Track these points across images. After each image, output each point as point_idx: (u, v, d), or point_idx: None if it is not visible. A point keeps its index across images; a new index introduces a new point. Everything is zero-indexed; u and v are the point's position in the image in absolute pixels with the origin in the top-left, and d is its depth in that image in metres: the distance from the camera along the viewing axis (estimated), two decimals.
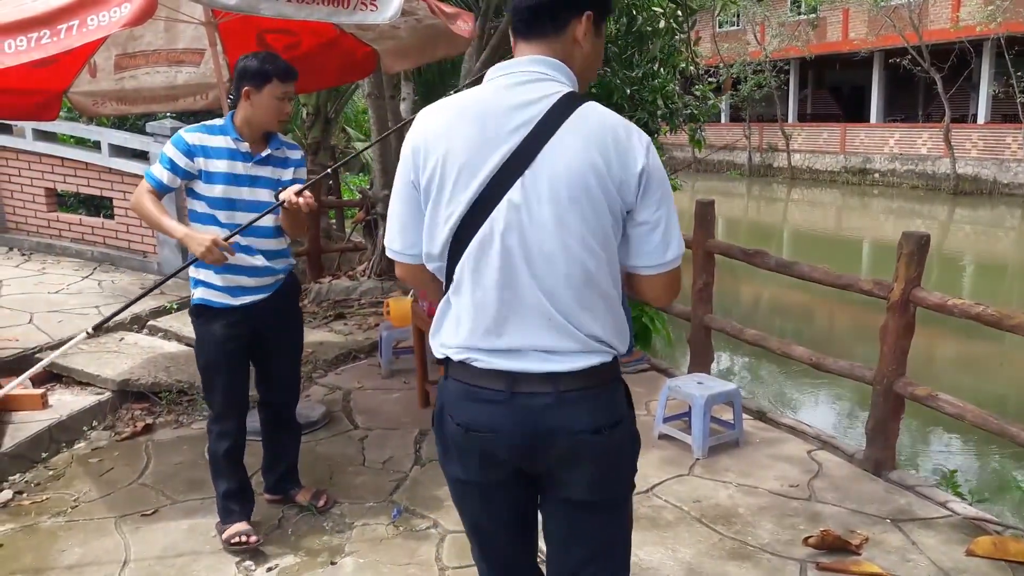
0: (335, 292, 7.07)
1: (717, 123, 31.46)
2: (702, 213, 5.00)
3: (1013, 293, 12.31)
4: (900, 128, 25.72)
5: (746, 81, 28.23)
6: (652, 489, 3.40)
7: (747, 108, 29.06)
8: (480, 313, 1.54)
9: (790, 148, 28.09)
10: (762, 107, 29.91)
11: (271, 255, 2.97)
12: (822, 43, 28.07)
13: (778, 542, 2.98)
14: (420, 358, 4.39)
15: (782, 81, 28.56)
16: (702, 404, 3.72)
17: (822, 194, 25.04)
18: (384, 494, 3.38)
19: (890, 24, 23.59)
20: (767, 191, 26.43)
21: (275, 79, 2.79)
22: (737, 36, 30.23)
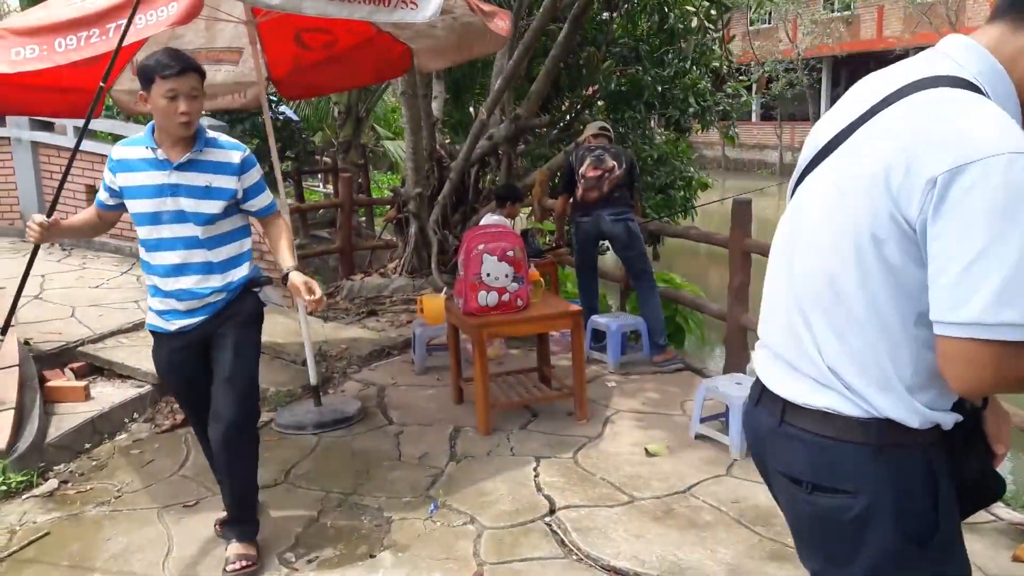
0: (367, 289, 7.12)
1: (748, 122, 31.16)
2: (739, 212, 4.96)
3: None
4: None
5: (778, 79, 27.97)
6: (690, 489, 3.38)
7: (779, 107, 28.77)
8: None
9: None
10: (794, 106, 29.59)
11: (208, 269, 2.68)
12: (856, 41, 27.71)
13: None
14: (454, 355, 4.41)
15: (814, 79, 28.24)
16: (740, 404, 3.68)
17: None
18: (421, 489, 3.40)
19: (926, 21, 23.23)
20: None
21: (158, 78, 2.51)
22: (769, 34, 29.94)
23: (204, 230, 2.66)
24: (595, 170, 5.07)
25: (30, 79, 3.54)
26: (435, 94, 9.08)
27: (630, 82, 9.11)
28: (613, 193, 5.02)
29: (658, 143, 9.88)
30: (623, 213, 5.01)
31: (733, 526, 3.07)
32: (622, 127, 9.67)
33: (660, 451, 3.75)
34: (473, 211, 8.17)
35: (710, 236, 5.41)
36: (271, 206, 2.88)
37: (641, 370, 4.98)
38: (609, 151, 5.12)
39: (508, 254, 4.04)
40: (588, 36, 9.07)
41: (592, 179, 5.09)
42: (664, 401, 4.45)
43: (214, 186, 2.64)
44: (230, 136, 2.97)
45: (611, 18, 9.51)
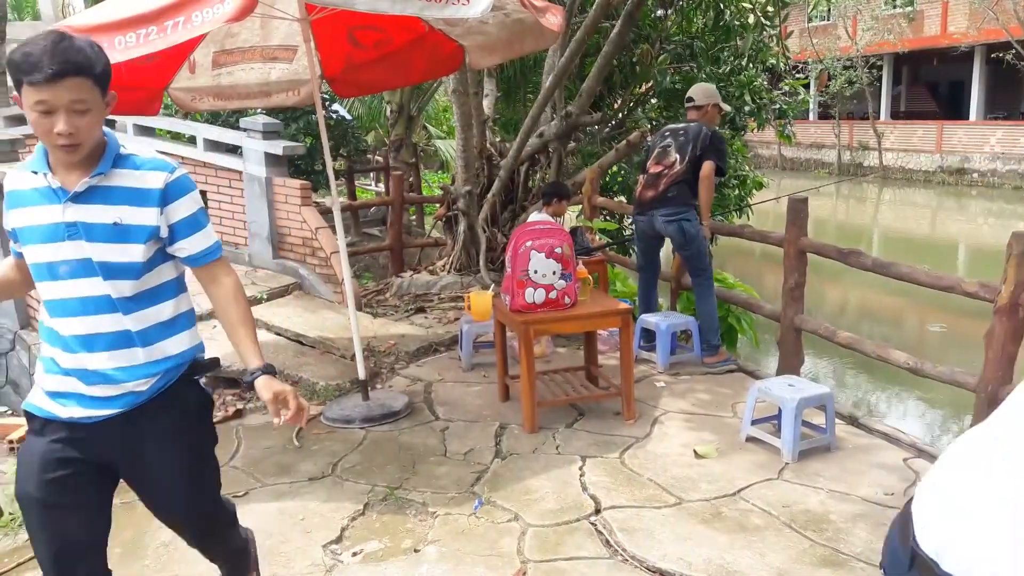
0: (416, 286, 7.16)
1: (805, 120, 30.51)
2: (795, 210, 4.83)
3: None
4: (1002, 126, 24.39)
5: (836, 77, 27.31)
6: (740, 492, 3.30)
7: (837, 105, 28.09)
8: None
9: (882, 147, 26.99)
10: (852, 104, 28.87)
11: (125, 342, 1.88)
12: (918, 37, 26.88)
13: (872, 551, 2.84)
14: (501, 352, 4.39)
15: (874, 77, 27.50)
16: (793, 407, 3.59)
17: (915, 194, 24.00)
18: (466, 485, 3.39)
19: (992, 17, 22.39)
20: (856, 191, 25.51)
21: (25, 83, 1.69)
22: (827, 31, 29.27)
23: (116, 286, 1.86)
24: (657, 165, 4.96)
25: None
26: (486, 92, 9.10)
27: (685, 79, 9.00)
28: (668, 193, 4.86)
29: None
30: (678, 213, 4.85)
31: (783, 530, 2.99)
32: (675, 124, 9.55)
33: (709, 453, 3.67)
34: (522, 209, 8.15)
35: (765, 235, 5.29)
36: (211, 251, 2.02)
37: (691, 370, 4.89)
38: (679, 137, 4.91)
39: (556, 251, 4.01)
40: (642, 33, 8.98)
41: (651, 176, 4.98)
42: (715, 402, 4.36)
43: (126, 222, 1.84)
44: (285, 136, 2.78)
45: (666, 15, 9.40)
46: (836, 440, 3.77)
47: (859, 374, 7.80)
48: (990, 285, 3.53)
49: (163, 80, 4.84)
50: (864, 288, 10.59)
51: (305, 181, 6.42)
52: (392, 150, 13.56)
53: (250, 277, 6.18)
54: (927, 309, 9.50)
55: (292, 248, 6.35)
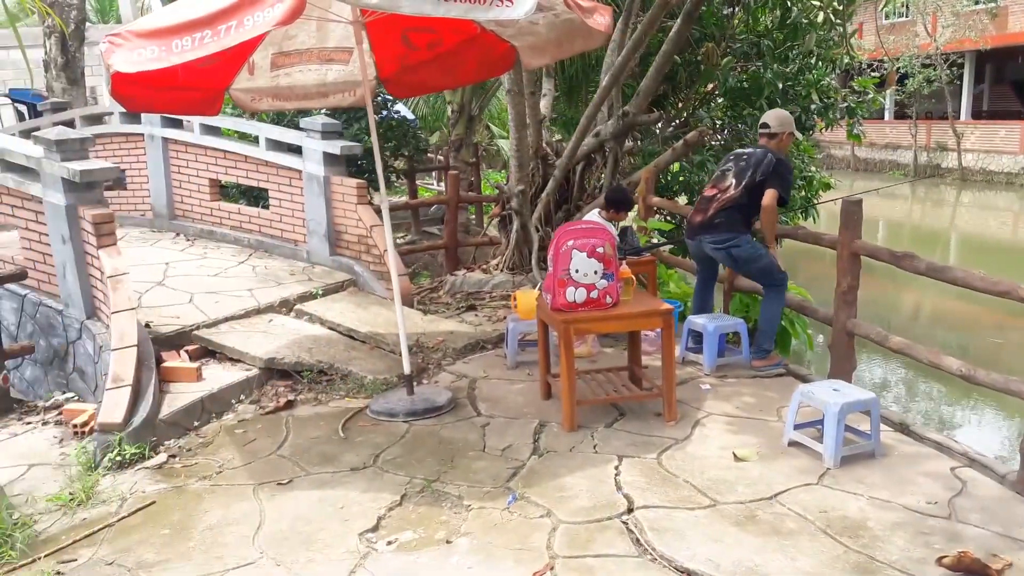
0: (468, 284, 7.25)
1: (880, 120, 29.54)
2: (849, 212, 4.72)
3: None
4: None
5: (914, 76, 26.35)
6: (777, 496, 3.26)
7: (914, 104, 27.09)
8: None
9: (961, 147, 25.92)
10: (931, 103, 27.77)
11: None
12: (1002, 34, 25.69)
13: (908, 559, 2.78)
14: (543, 351, 4.42)
15: (955, 75, 26.42)
16: (836, 412, 3.51)
17: (996, 198, 22.97)
18: (502, 480, 3.44)
19: None
20: (933, 193, 24.57)
21: None
22: (905, 28, 28.26)
23: None
24: (712, 188, 4.91)
25: (153, 78, 3.83)
26: (544, 92, 9.14)
27: (751, 78, 8.86)
28: (715, 219, 4.77)
29: None
30: (726, 241, 4.74)
31: (818, 536, 2.94)
32: (741, 124, 9.41)
33: (749, 456, 3.62)
34: (577, 208, 8.16)
35: (819, 237, 5.17)
36: None
37: (739, 373, 4.83)
38: (741, 162, 4.81)
39: (598, 251, 4.01)
40: (707, 32, 8.88)
41: (704, 199, 4.93)
42: (760, 406, 4.30)
43: None
44: (347, 136, 2.82)
45: (732, 13, 9.27)
46: (882, 447, 3.68)
47: (914, 381, 7.55)
48: None
49: (224, 81, 5.02)
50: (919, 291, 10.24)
51: (361, 180, 6.57)
52: (453, 150, 13.73)
53: (307, 273, 6.36)
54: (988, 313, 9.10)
55: (348, 245, 6.50)
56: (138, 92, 4.05)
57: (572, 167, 8.08)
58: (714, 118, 9.56)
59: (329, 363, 4.68)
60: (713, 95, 9.68)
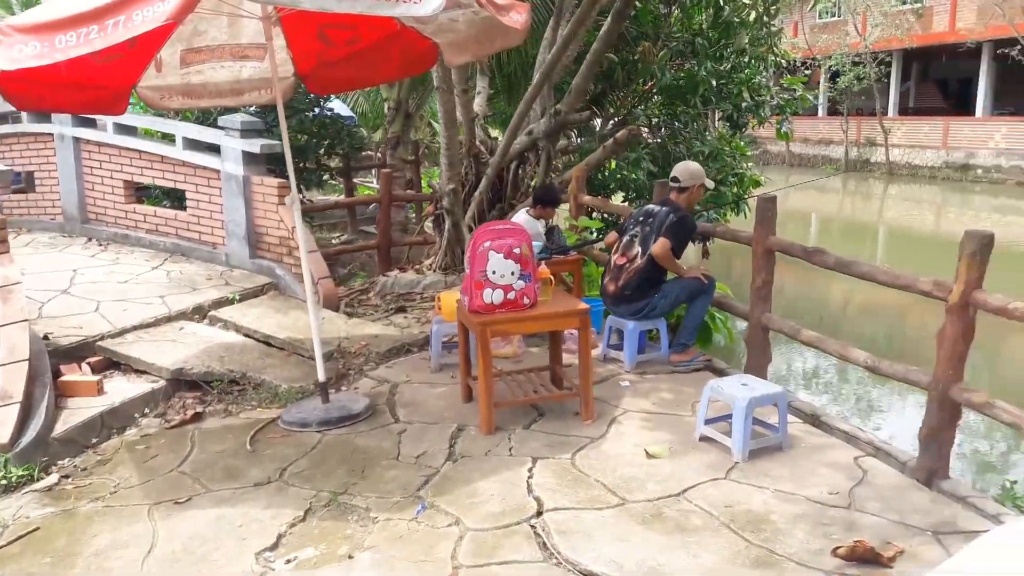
0: (400, 285, 7.15)
1: (813, 117, 30.31)
2: (763, 209, 4.79)
3: None
4: (1008, 122, 24.11)
5: (845, 74, 27.10)
6: (684, 493, 3.27)
7: (845, 101, 27.87)
8: None
9: (889, 143, 26.77)
10: (861, 100, 28.62)
11: None
12: (928, 33, 26.61)
13: (807, 551, 2.82)
14: (463, 353, 4.37)
15: (883, 73, 27.27)
16: (743, 406, 3.55)
17: (920, 190, 23.78)
18: (412, 489, 3.37)
19: (1000, 13, 22.13)
20: (863, 187, 25.29)
21: None
22: (837, 27, 29.06)
23: None
24: (621, 256, 4.94)
25: (42, 75, 3.65)
26: (478, 89, 9.09)
27: (686, 76, 8.97)
28: (625, 291, 4.85)
29: (710, 139, 9.73)
30: (641, 309, 4.84)
31: (722, 531, 2.96)
32: (678, 122, 9.52)
33: (661, 453, 3.64)
34: (511, 207, 8.13)
35: (736, 234, 5.24)
36: None
37: (658, 369, 4.86)
38: (647, 227, 4.84)
39: (515, 252, 3.98)
40: (644, 30, 8.96)
41: (616, 268, 4.97)
42: (676, 402, 4.33)
43: None
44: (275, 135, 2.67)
45: (669, 12, 9.35)
46: (790, 439, 3.74)
47: (830, 372, 7.74)
48: (943, 284, 3.48)
49: (129, 79, 4.83)
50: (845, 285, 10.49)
51: (283, 180, 6.42)
52: (389, 147, 13.56)
53: (225, 277, 6.19)
54: (905, 305, 9.36)
55: (269, 247, 6.35)
56: (27, 89, 3.86)
57: (506, 165, 8.04)
58: (651, 116, 9.65)
59: (242, 372, 4.54)
60: (651, 93, 9.77)
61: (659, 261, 4.74)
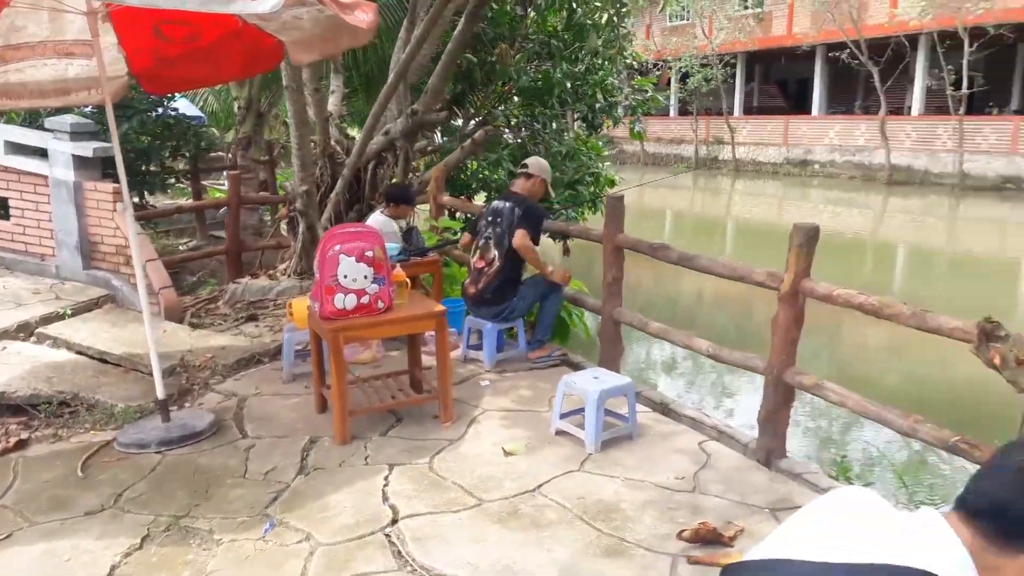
0: (251, 292, 6.86)
1: (666, 117, 31.72)
2: (611, 208, 4.94)
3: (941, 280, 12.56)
4: (840, 120, 26.20)
5: (694, 75, 28.54)
6: (539, 488, 3.32)
7: (695, 102, 29.33)
8: None
9: (735, 141, 28.42)
10: (709, 101, 30.22)
11: None
12: (768, 37, 28.45)
13: (654, 536, 2.93)
14: (316, 361, 4.24)
15: (728, 74, 28.90)
16: (595, 399, 3.65)
17: (764, 186, 25.40)
18: (260, 507, 3.23)
19: (831, 18, 23.99)
20: (713, 183, 26.71)
21: None
22: (685, 30, 30.51)
23: None
24: (480, 260, 4.96)
25: None
26: (332, 88, 8.90)
27: (543, 78, 9.13)
28: (485, 294, 4.89)
29: (567, 139, 9.96)
30: (501, 312, 4.90)
31: (575, 523, 3.02)
32: (537, 123, 9.67)
33: (518, 450, 3.68)
34: (370, 208, 7.98)
35: (587, 231, 5.39)
36: None
37: (517, 367, 4.92)
38: (498, 228, 4.86)
39: (367, 255, 3.90)
40: (500, 31, 9.03)
41: (475, 271, 5.00)
42: (534, 398, 4.39)
43: None
44: None
45: (525, 13, 9.47)
46: (641, 428, 3.88)
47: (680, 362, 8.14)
48: (776, 274, 3.70)
49: None
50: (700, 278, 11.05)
51: (118, 185, 5.99)
52: (241, 148, 13.01)
53: (56, 291, 5.71)
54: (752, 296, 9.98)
55: (105, 257, 5.92)
56: None
57: (363, 166, 7.89)
58: (510, 116, 9.77)
59: (73, 392, 4.20)
60: (510, 94, 9.88)
61: (520, 252, 4.78)
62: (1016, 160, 20.78)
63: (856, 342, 8.44)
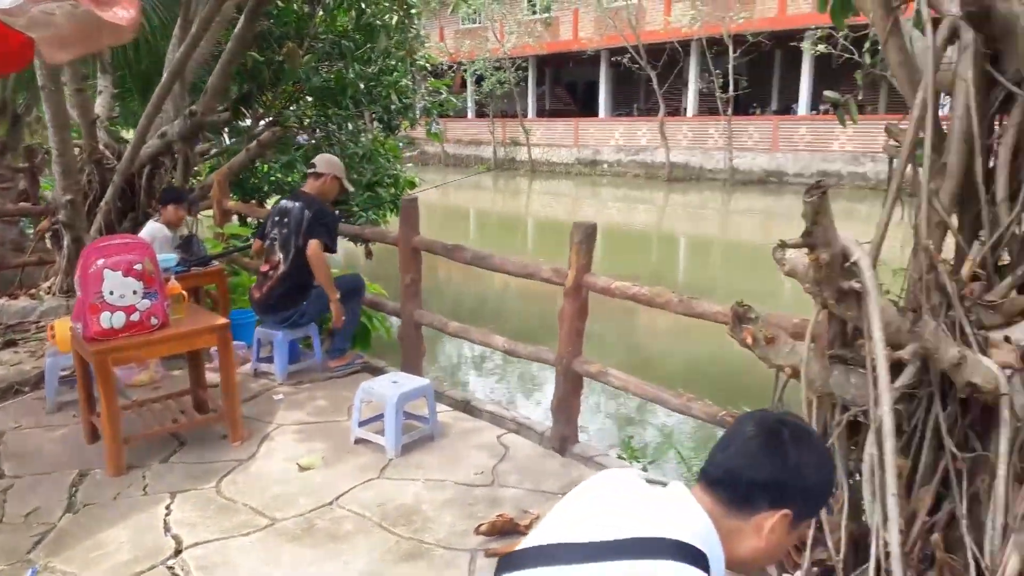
0: (8, 315, 6.12)
1: (464, 118, 32.23)
2: (407, 210, 4.92)
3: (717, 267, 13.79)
4: (624, 122, 27.99)
5: (488, 77, 29.22)
6: (337, 500, 3.23)
7: (491, 104, 30.04)
8: None
9: (530, 142, 29.48)
10: (504, 103, 31.08)
11: None
12: (556, 41, 29.72)
13: (454, 534, 2.95)
14: (84, 388, 3.84)
15: (520, 78, 29.87)
16: (393, 403, 3.61)
17: (559, 185, 26.58)
18: (20, 554, 2.88)
19: (612, 25, 25.52)
20: (512, 184, 27.53)
21: None
22: (478, 33, 31.13)
23: None
24: (266, 264, 4.70)
25: None
26: (100, 88, 8.18)
27: (335, 78, 8.90)
28: (270, 300, 4.63)
29: (364, 141, 9.81)
30: (289, 317, 4.66)
31: (374, 531, 2.98)
32: (331, 124, 9.42)
33: (314, 463, 3.56)
34: (147, 216, 7.38)
35: (384, 234, 5.34)
36: None
37: (315, 377, 4.76)
38: (285, 229, 4.58)
39: (135, 268, 3.59)
40: (287, 30, 8.69)
41: (261, 275, 4.74)
42: (333, 408, 4.27)
43: None
44: None
45: (313, 12, 9.18)
46: (442, 428, 3.89)
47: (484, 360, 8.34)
48: (560, 270, 3.86)
49: None
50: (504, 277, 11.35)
51: None
52: None
53: None
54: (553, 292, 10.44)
55: None
56: None
57: (136, 171, 7.29)
58: (302, 117, 9.46)
59: None
60: (301, 94, 9.56)
61: (312, 264, 4.54)
62: (777, 156, 23.24)
63: (649, 329, 9.03)
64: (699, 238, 16.97)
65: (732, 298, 3.21)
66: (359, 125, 10.16)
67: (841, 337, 2.50)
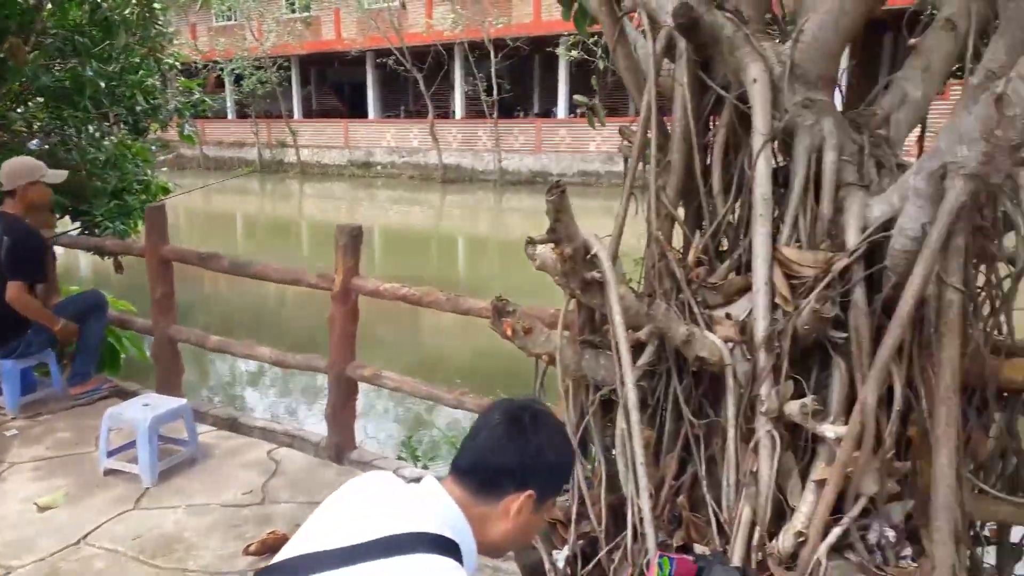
0: None
1: (224, 119, 30.53)
2: (153, 219, 4.57)
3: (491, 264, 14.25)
4: (395, 123, 28.00)
5: (248, 77, 27.85)
6: (85, 538, 2.94)
7: (252, 104, 28.68)
8: None
9: (298, 144, 28.57)
10: (268, 103, 29.81)
11: None
12: (318, 41, 28.98)
13: (220, 559, 2.80)
14: None
15: (284, 77, 28.81)
16: (146, 428, 3.34)
17: (332, 187, 26.04)
18: None
19: (375, 26, 25.38)
20: (282, 187, 26.52)
21: None
22: (235, 31, 29.56)
23: None
24: None
25: None
26: None
27: (71, 77, 7.98)
28: None
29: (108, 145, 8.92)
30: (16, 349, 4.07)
31: (129, 566, 2.75)
32: (68, 127, 8.47)
33: (55, 502, 3.20)
34: None
35: (128, 247, 4.93)
36: None
37: (55, 408, 4.27)
38: None
39: None
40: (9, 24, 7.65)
41: None
42: (77, 440, 3.86)
43: None
44: None
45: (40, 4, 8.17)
46: (204, 449, 3.67)
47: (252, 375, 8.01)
48: (326, 275, 3.78)
49: None
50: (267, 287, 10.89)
51: None
52: None
53: None
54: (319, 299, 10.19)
55: None
56: None
57: None
58: (31, 120, 8.41)
59: None
60: (29, 94, 8.50)
61: (18, 309, 3.95)
62: (542, 157, 24.41)
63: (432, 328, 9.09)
64: (476, 237, 17.42)
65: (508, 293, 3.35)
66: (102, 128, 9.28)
67: (590, 324, 2.69)
